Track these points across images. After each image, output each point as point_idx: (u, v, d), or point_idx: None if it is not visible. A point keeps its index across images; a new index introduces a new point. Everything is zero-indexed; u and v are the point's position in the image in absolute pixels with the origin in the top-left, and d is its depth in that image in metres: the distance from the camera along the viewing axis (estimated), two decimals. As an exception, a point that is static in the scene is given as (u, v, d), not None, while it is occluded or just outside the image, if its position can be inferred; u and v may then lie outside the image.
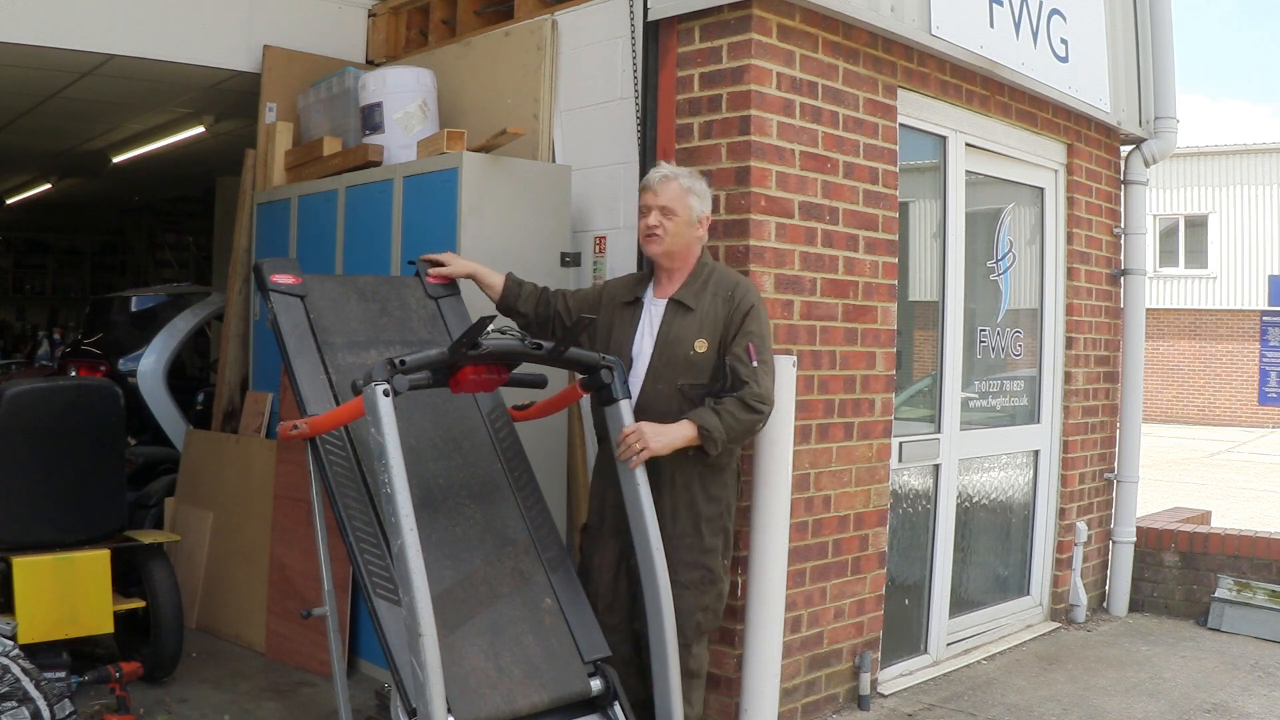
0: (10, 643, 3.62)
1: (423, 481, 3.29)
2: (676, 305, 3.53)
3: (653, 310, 3.58)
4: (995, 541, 5.60)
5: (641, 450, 3.25)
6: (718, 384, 3.45)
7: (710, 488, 3.50)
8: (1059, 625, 5.72)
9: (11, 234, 15.00)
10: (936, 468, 5.02)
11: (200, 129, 7.15)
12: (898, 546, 4.79)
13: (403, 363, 2.85)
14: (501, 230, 4.28)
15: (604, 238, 4.52)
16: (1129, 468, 6.12)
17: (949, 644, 5.11)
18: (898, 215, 4.58)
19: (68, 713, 3.62)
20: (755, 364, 3.42)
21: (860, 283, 4.39)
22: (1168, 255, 23.53)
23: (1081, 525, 5.83)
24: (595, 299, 3.71)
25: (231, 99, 6.10)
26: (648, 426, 3.29)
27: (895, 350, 4.62)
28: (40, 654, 3.82)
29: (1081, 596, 5.81)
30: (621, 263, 4.42)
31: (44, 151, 8.66)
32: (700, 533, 3.48)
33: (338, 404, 3.30)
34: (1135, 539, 6.14)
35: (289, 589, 4.72)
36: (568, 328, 3.40)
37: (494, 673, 3.04)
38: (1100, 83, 5.69)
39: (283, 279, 3.54)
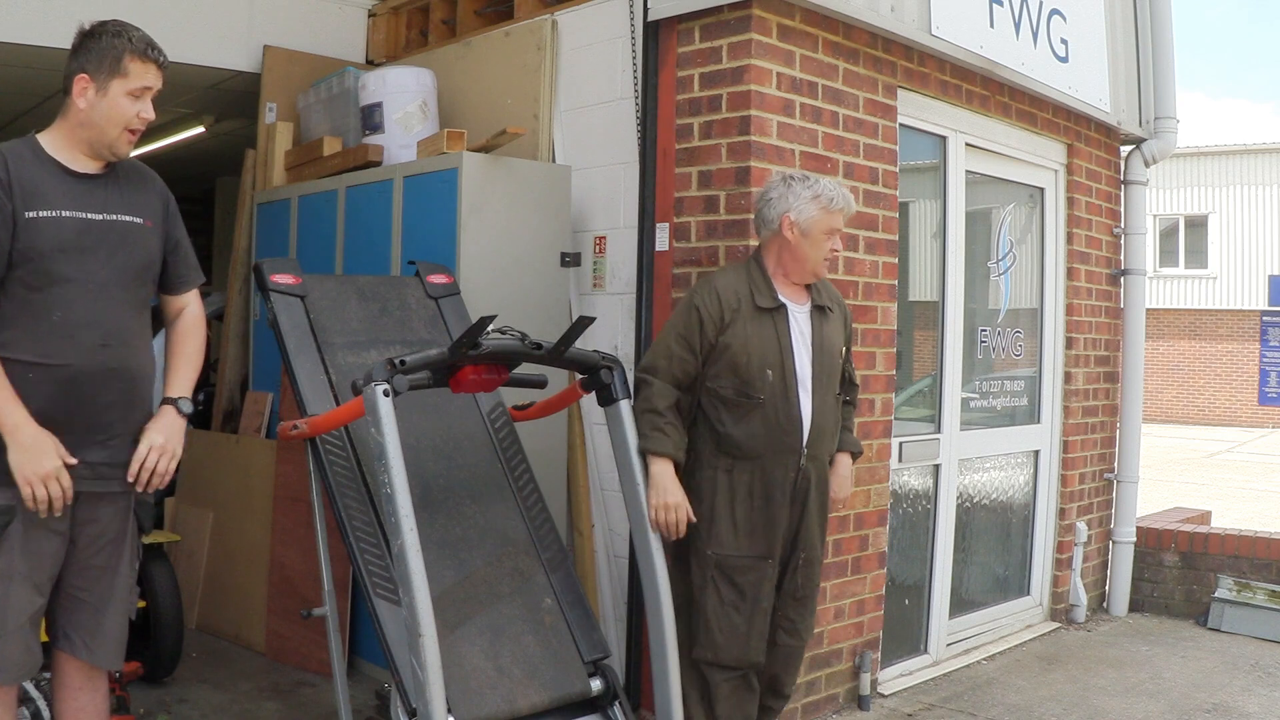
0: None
1: (423, 481, 3.29)
2: (820, 311, 3.48)
3: (798, 318, 3.44)
4: (995, 541, 5.60)
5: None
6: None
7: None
8: (1059, 625, 5.72)
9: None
10: (936, 468, 5.02)
11: (200, 129, 7.14)
12: (898, 546, 4.79)
13: (403, 363, 2.85)
14: (501, 230, 4.28)
15: (604, 238, 4.52)
16: (1129, 468, 6.12)
17: (949, 644, 5.11)
18: (898, 215, 4.58)
19: (68, 713, 3.61)
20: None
21: (860, 283, 4.39)
22: (1168, 255, 23.53)
23: (1081, 525, 5.83)
24: (718, 314, 3.35)
25: (231, 99, 6.09)
26: (837, 483, 3.55)
27: (895, 350, 4.63)
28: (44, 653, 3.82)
29: (1081, 596, 5.81)
30: (622, 263, 4.42)
31: (44, 152, 8.63)
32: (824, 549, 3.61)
33: (338, 404, 3.30)
34: (1135, 539, 6.14)
35: (289, 589, 4.72)
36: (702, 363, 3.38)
37: (494, 673, 3.04)
38: (1100, 83, 5.69)
39: (283, 279, 3.55)
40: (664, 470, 3.27)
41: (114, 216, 2.76)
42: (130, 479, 2.76)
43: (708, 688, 3.41)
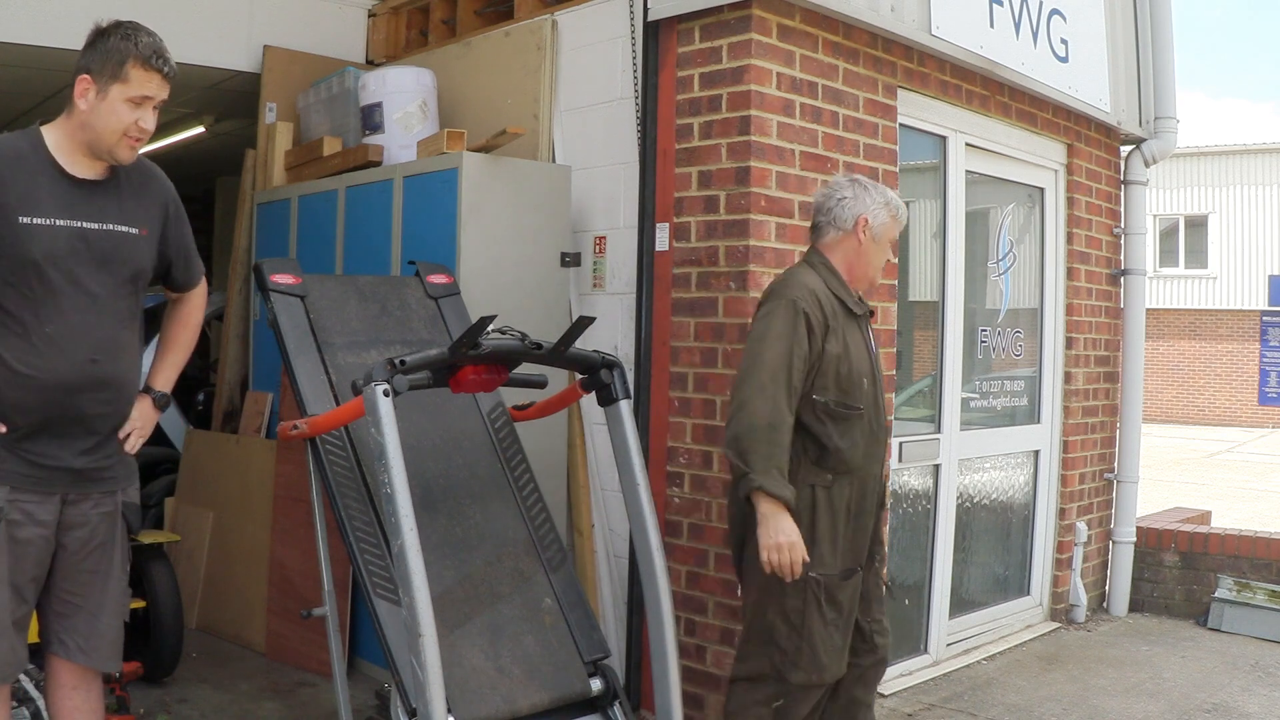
0: (10, 643, 3.60)
1: (423, 481, 3.29)
2: (870, 316, 3.45)
3: (867, 322, 3.40)
4: (995, 541, 5.60)
5: None
6: None
7: None
8: (1059, 625, 5.72)
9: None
10: (936, 468, 5.02)
11: (200, 129, 7.14)
12: (898, 546, 4.79)
13: (403, 363, 2.85)
14: (501, 230, 4.28)
15: (604, 238, 4.52)
16: (1129, 468, 6.12)
17: (949, 644, 5.11)
18: (898, 215, 4.58)
19: (68, 713, 3.60)
20: None
21: (860, 283, 4.39)
22: (1168, 255, 23.53)
23: (1081, 525, 5.83)
24: (821, 320, 3.17)
25: (231, 99, 6.10)
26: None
27: (895, 350, 4.63)
28: (40, 654, 3.81)
29: (1081, 596, 5.81)
30: (622, 263, 4.42)
31: (44, 151, 8.63)
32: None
33: (338, 404, 3.31)
34: (1135, 539, 6.14)
35: (289, 589, 4.73)
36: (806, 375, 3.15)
37: (494, 673, 3.04)
38: (1100, 82, 5.69)
39: (283, 279, 3.55)
40: (777, 508, 3.03)
41: (109, 226, 2.71)
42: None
43: (786, 709, 3.22)
